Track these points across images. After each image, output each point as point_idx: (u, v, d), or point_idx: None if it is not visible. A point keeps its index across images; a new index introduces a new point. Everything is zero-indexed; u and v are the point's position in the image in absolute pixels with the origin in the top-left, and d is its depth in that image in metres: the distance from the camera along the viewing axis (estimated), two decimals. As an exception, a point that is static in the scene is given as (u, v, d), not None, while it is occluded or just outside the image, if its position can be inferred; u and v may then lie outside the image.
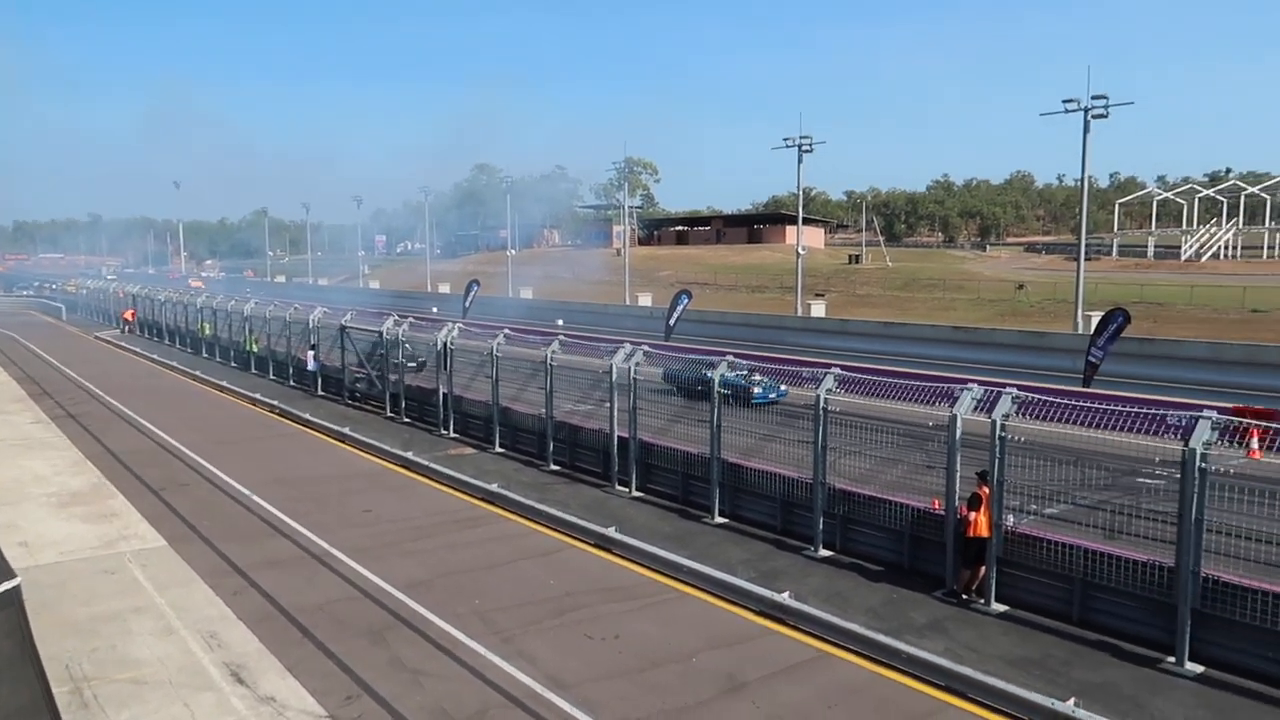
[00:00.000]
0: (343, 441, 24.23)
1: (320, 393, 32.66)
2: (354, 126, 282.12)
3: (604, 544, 15.43)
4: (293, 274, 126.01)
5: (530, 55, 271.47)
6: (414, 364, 26.88)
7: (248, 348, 39.69)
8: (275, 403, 29.39)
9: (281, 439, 25.31)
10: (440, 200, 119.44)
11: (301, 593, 13.45)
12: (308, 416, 26.92)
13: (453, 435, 25.22)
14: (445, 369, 25.54)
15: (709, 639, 11.90)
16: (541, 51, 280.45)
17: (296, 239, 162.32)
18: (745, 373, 18.91)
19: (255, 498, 18.66)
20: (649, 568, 14.43)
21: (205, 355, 44.20)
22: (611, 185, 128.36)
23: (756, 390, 18.94)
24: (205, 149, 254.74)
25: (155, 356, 43.30)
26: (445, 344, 25.48)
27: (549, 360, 21.29)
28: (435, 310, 60.69)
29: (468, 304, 55.48)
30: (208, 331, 45.22)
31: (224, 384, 33.89)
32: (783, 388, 19.04)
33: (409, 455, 21.58)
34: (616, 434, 19.41)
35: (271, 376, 36.86)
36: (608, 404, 19.55)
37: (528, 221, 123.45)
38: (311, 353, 33.27)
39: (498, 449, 23.40)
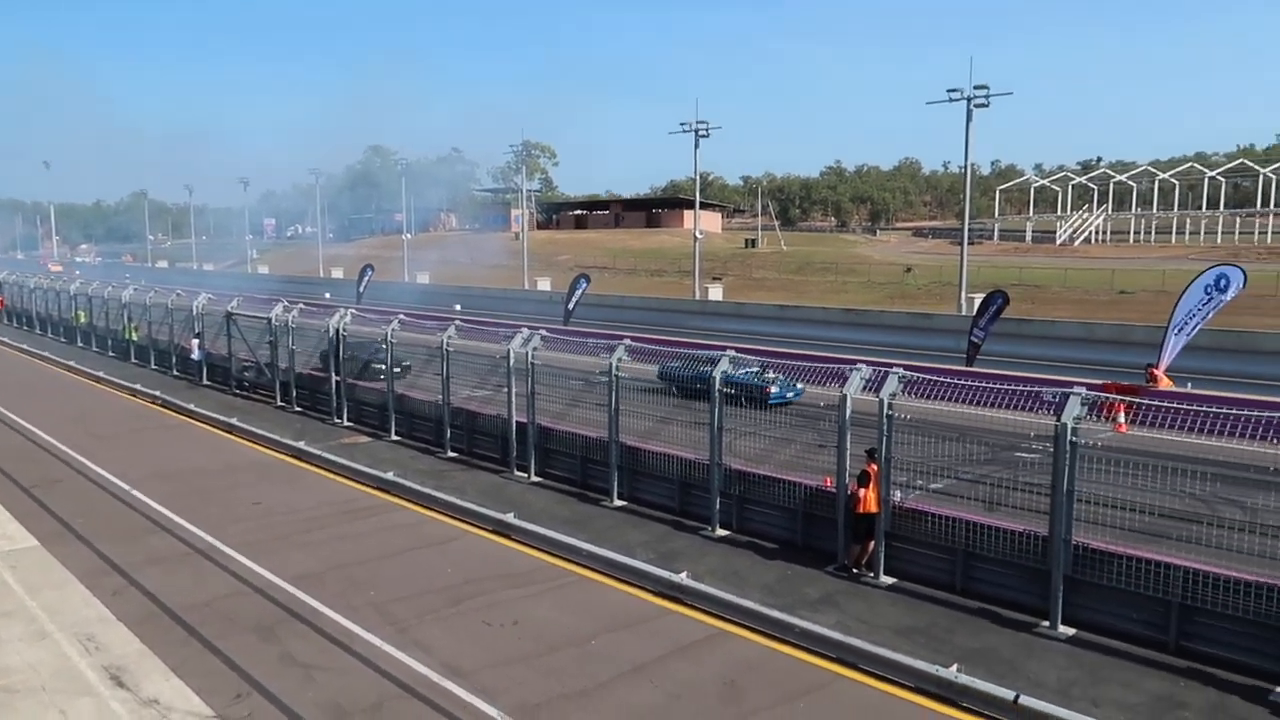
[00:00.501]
0: (230, 432, 23.40)
1: (206, 382, 31.45)
2: (240, 105, 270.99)
3: (502, 530, 15.34)
4: (175, 259, 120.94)
5: (425, 34, 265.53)
6: (398, 369, 23.73)
7: (127, 336, 37.88)
8: (157, 393, 28.14)
9: (164, 431, 24.27)
10: (332, 183, 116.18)
11: (186, 590, 12.96)
12: (192, 407, 25.88)
13: (346, 424, 24.65)
14: (337, 356, 24.93)
15: (608, 621, 11.97)
16: (437, 31, 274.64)
17: (179, 223, 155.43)
18: (757, 370, 17.07)
19: (136, 493, 17.86)
20: (548, 552, 14.42)
21: (81, 345, 42.00)
22: (509, 168, 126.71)
23: (774, 389, 16.21)
24: (78, 127, 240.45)
25: (25, 346, 40.93)
26: (337, 330, 24.85)
27: (445, 345, 21.00)
28: (328, 296, 59.11)
29: (362, 289, 54.24)
30: (83, 319, 42.98)
31: (101, 374, 32.25)
32: (799, 386, 16.68)
33: (300, 445, 21.00)
34: (515, 419, 19.29)
35: (153, 366, 35.29)
36: (506, 389, 19.42)
37: (424, 205, 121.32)
38: (196, 341, 32.02)
39: (393, 437, 22.98)
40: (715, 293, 58.93)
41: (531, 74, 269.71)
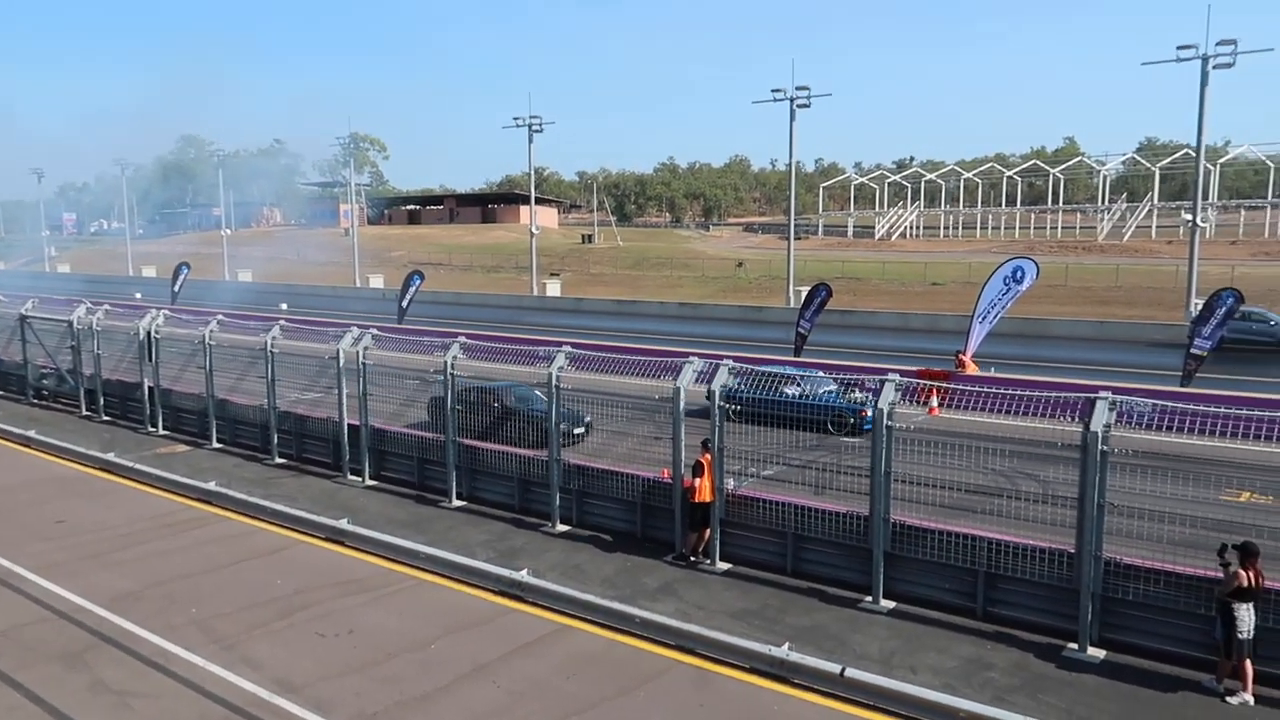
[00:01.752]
0: (28, 445, 21.54)
1: (-3, 392, 28.84)
2: (30, 86, 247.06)
3: (336, 537, 14.84)
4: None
5: (243, 15, 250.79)
6: (580, 428, 16.57)
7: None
8: (-62, 406, 25.57)
9: (-52, 447, 22.07)
10: (141, 174, 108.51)
11: (-22, 620, 11.87)
12: (-19, 420, 23.66)
13: (163, 432, 23.16)
14: (150, 360, 23.38)
15: (448, 624, 11.80)
16: (256, 13, 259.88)
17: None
18: (836, 388, 14.90)
19: (-85, 517, 16.18)
20: (385, 557, 14.06)
21: None
22: (337, 161, 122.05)
23: (869, 413, 12.90)
24: None
25: None
26: (149, 333, 23.29)
27: (269, 347, 20.06)
28: (139, 296, 55.27)
29: (177, 289, 50.97)
30: None
31: None
32: None
33: (110, 457, 19.58)
34: (346, 422, 18.68)
35: (-67, 376, 31.99)
36: (336, 391, 18.76)
37: (245, 199, 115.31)
38: (-16, 348, 29.27)
39: (215, 444, 21.77)
40: (554, 288, 58.99)
41: (359, 64, 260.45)
